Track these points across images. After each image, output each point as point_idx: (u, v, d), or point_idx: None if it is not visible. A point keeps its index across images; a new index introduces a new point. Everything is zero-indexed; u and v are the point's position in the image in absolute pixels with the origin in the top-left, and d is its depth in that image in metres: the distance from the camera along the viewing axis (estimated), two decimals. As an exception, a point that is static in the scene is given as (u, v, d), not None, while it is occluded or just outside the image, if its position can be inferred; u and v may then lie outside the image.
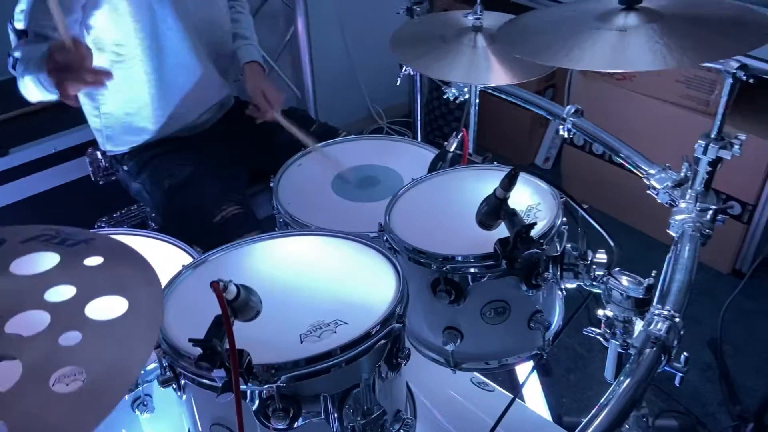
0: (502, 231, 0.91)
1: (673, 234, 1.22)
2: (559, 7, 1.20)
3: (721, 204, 1.21)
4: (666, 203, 1.31)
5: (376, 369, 0.77)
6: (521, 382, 1.25)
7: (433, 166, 1.25)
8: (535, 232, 0.89)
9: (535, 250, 0.84)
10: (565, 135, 1.55)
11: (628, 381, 0.87)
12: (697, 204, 1.22)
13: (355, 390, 0.74)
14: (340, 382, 0.74)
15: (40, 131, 1.62)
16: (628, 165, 1.45)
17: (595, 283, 0.97)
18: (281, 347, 0.74)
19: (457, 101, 1.76)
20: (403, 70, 1.80)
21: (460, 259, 0.91)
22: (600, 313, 1.01)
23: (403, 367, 0.82)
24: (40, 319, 0.54)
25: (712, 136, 1.20)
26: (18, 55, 1.28)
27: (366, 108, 3.16)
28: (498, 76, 1.33)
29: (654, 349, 0.92)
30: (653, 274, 0.95)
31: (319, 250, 0.94)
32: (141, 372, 0.87)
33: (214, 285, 0.62)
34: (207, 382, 0.73)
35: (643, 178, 1.37)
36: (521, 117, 2.81)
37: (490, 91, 1.66)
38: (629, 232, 2.46)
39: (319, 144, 1.42)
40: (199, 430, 0.82)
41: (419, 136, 2.13)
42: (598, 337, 1.02)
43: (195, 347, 0.65)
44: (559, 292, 1.04)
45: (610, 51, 1.00)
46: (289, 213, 1.21)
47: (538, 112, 1.64)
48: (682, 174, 1.31)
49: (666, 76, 2.21)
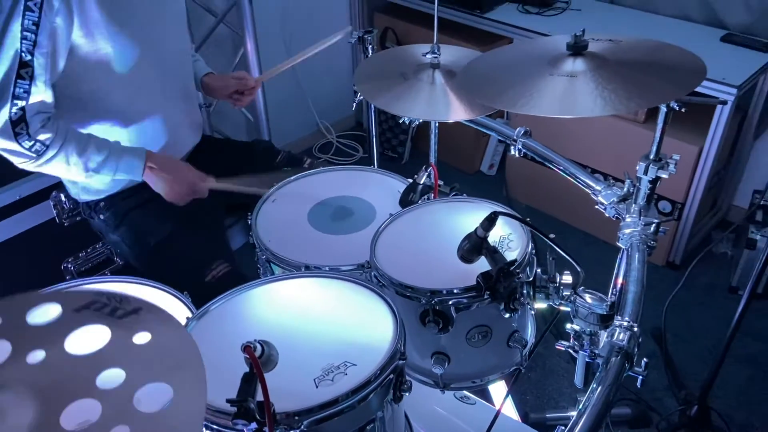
0: (482, 263, 1.01)
1: (622, 246, 1.36)
2: (513, 50, 1.30)
3: (659, 214, 1.35)
4: (613, 217, 1.45)
5: (385, 403, 0.85)
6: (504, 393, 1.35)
7: (405, 198, 1.33)
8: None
9: (515, 280, 0.93)
10: (517, 155, 1.67)
11: (600, 389, 0.98)
12: (642, 218, 1.36)
13: (369, 426, 0.82)
14: (356, 420, 0.82)
15: (4, 179, 1.60)
16: (576, 182, 1.58)
17: (563, 302, 1.08)
18: (299, 394, 0.81)
19: (412, 125, 1.85)
20: (358, 96, 1.88)
21: (446, 292, 1.00)
22: (569, 327, 1.13)
23: (406, 397, 0.90)
24: (92, 409, 0.56)
25: (651, 158, 1.34)
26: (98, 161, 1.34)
27: (315, 124, 3.21)
28: (457, 113, 1.41)
29: (618, 357, 1.04)
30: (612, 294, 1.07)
31: (315, 291, 1.01)
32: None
33: (248, 350, 0.68)
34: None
35: (591, 194, 1.51)
36: (466, 127, 2.94)
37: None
38: (569, 230, 2.63)
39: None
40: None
41: (375, 156, 2.21)
42: (569, 350, 1.14)
43: (227, 404, 0.71)
44: (531, 311, 1.15)
45: (561, 97, 1.11)
46: (271, 250, 1.27)
47: (488, 132, 1.75)
48: (625, 189, 1.45)
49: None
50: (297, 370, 0.85)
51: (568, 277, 1.07)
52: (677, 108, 1.27)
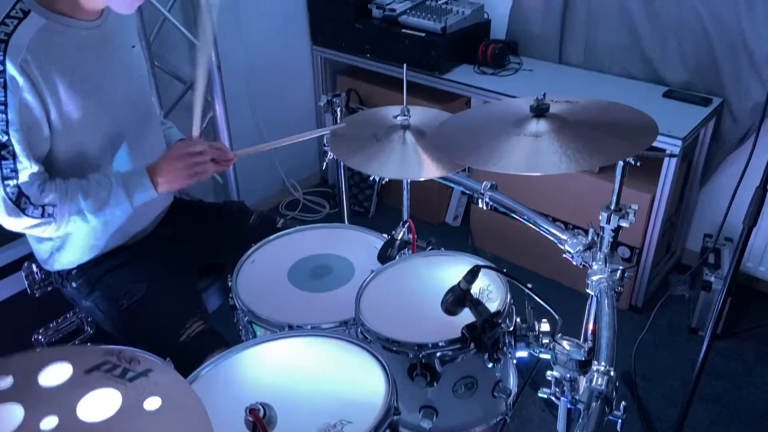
0: (465, 315, 1.05)
1: (591, 292, 1.42)
2: (479, 112, 1.39)
3: (622, 262, 1.43)
4: (580, 265, 1.52)
5: (381, 458, 0.87)
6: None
7: (384, 253, 1.37)
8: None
9: (499, 330, 0.97)
10: (484, 207, 1.74)
11: (583, 435, 1.02)
12: (608, 265, 1.43)
13: (367, 482, 0.83)
14: (355, 477, 0.83)
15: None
16: (542, 232, 1.65)
17: (543, 349, 1.13)
18: (300, 454, 0.82)
19: (382, 182, 1.91)
20: (328, 156, 1.94)
21: (432, 345, 1.03)
22: (549, 374, 1.17)
23: (399, 452, 0.92)
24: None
25: (612, 208, 1.43)
26: (89, 202, 1.32)
27: (281, 182, 3.26)
28: (429, 171, 1.47)
29: (599, 402, 1.08)
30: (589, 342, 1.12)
31: (304, 350, 1.03)
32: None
33: (254, 413, 0.70)
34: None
35: (558, 244, 1.58)
36: (431, 180, 3.02)
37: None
38: (534, 277, 2.71)
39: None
40: None
41: (345, 212, 2.26)
42: (551, 396, 1.18)
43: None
44: (512, 361, 1.19)
45: (526, 156, 1.19)
46: (253, 311, 1.28)
47: (456, 187, 1.82)
48: (589, 238, 1.53)
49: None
50: (295, 430, 0.86)
51: (545, 325, 1.12)
52: (633, 162, 1.37)
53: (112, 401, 0.64)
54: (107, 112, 1.39)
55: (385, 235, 1.54)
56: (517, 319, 1.11)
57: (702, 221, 2.69)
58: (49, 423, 0.62)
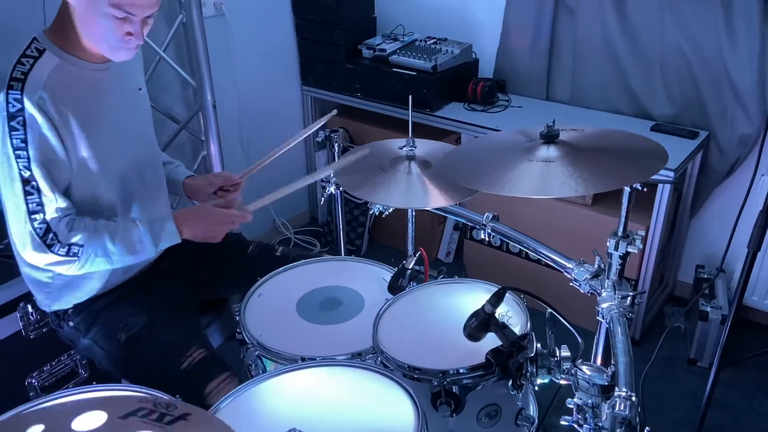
0: (484, 342, 1.04)
1: (602, 320, 1.42)
2: (487, 140, 1.40)
3: (632, 289, 1.43)
4: (588, 293, 1.52)
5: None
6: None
7: (394, 283, 1.36)
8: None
9: (525, 354, 0.96)
10: (486, 239, 1.74)
11: (610, 463, 1.00)
12: (617, 292, 1.43)
13: None
14: None
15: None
16: (547, 261, 1.65)
17: (564, 375, 1.11)
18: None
19: (382, 215, 1.91)
20: (326, 191, 1.94)
21: (457, 372, 1.01)
22: (570, 401, 1.15)
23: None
24: None
25: (620, 235, 1.44)
26: (116, 245, 1.31)
27: (272, 221, 3.24)
28: (434, 200, 1.48)
29: (623, 428, 1.06)
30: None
31: (327, 380, 1.00)
32: None
33: (297, 437, 0.67)
34: None
35: (564, 273, 1.58)
36: (421, 215, 3.04)
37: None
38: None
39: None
40: None
41: (341, 246, 2.24)
42: (573, 424, 1.15)
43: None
44: (533, 388, 1.17)
45: (537, 180, 1.21)
46: (264, 345, 1.25)
47: (458, 219, 1.83)
48: (596, 266, 1.53)
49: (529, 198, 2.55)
50: (326, 461, 0.83)
51: (566, 351, 1.11)
52: (640, 188, 1.39)
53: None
54: (115, 151, 1.39)
55: (391, 267, 1.53)
56: (538, 345, 1.09)
57: (693, 253, 2.73)
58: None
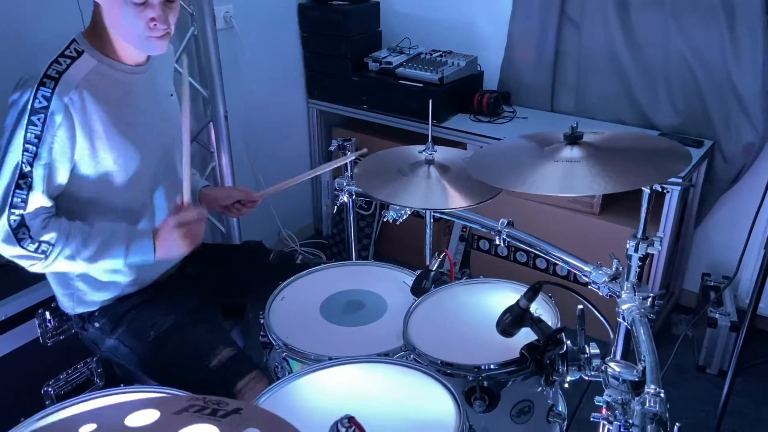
0: (516, 338, 1.05)
1: (622, 321, 1.43)
2: (510, 142, 1.42)
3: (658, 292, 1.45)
4: (607, 296, 1.53)
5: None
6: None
7: (418, 285, 1.37)
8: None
9: (560, 349, 0.97)
10: (502, 245, 1.75)
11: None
12: (637, 294, 1.44)
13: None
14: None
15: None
16: (564, 265, 1.66)
17: (594, 372, 1.12)
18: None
19: (396, 222, 1.92)
20: (339, 200, 1.96)
21: (492, 367, 1.02)
22: (599, 399, 1.15)
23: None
24: None
25: (639, 237, 1.45)
26: (91, 247, 1.29)
27: (278, 233, 3.24)
28: (453, 202, 1.50)
29: (653, 424, 1.07)
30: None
31: (363, 376, 1.00)
32: None
33: (354, 420, 0.67)
34: None
35: (581, 276, 1.59)
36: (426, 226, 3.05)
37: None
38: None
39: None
40: None
41: (353, 253, 2.25)
42: (603, 421, 1.16)
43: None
44: (563, 385, 1.17)
45: (562, 179, 1.23)
46: (291, 346, 1.25)
47: (472, 226, 1.84)
48: (614, 269, 1.55)
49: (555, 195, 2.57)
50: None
51: (595, 349, 1.11)
52: (660, 189, 1.41)
53: (210, 435, 0.61)
54: (139, 154, 1.40)
55: (412, 271, 1.54)
56: (568, 342, 1.10)
57: (698, 262, 2.75)
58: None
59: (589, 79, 2.69)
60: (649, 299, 1.43)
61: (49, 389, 1.62)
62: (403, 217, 1.90)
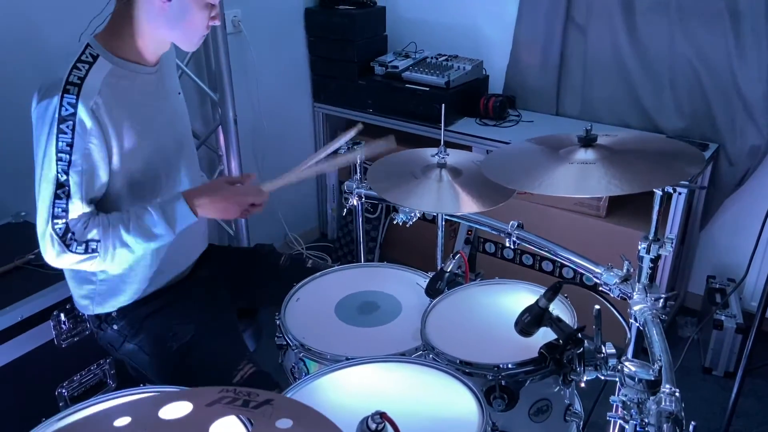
0: (534, 337, 1.06)
1: (634, 322, 1.44)
2: (523, 145, 1.44)
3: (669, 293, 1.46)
4: (618, 297, 1.54)
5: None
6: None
7: (432, 286, 1.38)
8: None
9: (579, 348, 0.98)
10: (512, 247, 1.76)
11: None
12: (649, 295, 1.45)
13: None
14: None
15: (7, 299, 1.52)
16: (574, 267, 1.67)
17: (610, 372, 1.13)
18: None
19: (406, 225, 1.93)
20: (348, 203, 1.97)
21: (511, 366, 1.03)
22: (614, 398, 1.17)
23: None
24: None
25: (651, 238, 1.47)
26: (132, 233, 1.31)
27: (283, 235, 3.25)
28: (464, 206, 1.51)
29: (669, 423, 1.08)
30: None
31: (384, 376, 1.01)
32: None
33: (386, 416, 0.68)
34: None
35: (593, 277, 1.61)
36: (432, 229, 3.06)
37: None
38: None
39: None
40: None
41: (362, 256, 2.26)
42: (619, 420, 1.17)
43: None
44: (580, 385, 1.18)
45: (577, 180, 1.24)
46: (308, 346, 1.26)
47: (482, 229, 1.85)
48: (625, 271, 1.56)
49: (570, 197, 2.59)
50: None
51: (611, 348, 1.13)
52: (671, 191, 1.42)
53: (241, 426, 0.62)
54: (158, 153, 1.42)
55: (425, 273, 1.56)
56: (585, 341, 1.11)
57: (702, 265, 2.76)
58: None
59: (595, 82, 2.71)
60: (661, 300, 1.45)
61: (63, 390, 1.62)
62: (413, 220, 1.91)
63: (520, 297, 1.13)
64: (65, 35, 2.01)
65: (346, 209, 2.01)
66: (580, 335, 0.99)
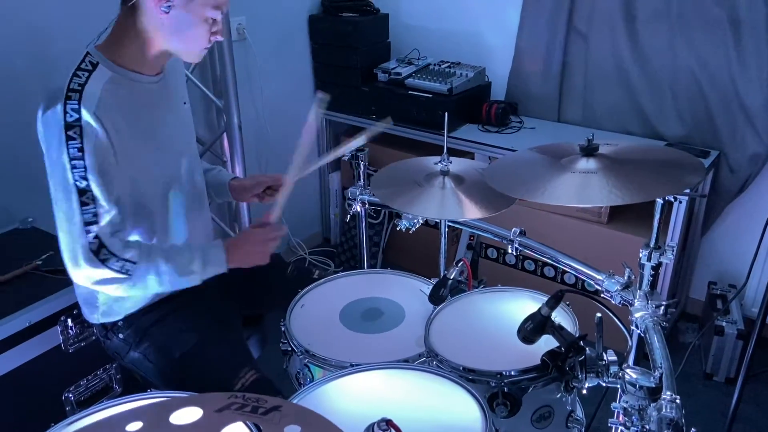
0: (536, 345, 1.07)
1: (635, 329, 1.45)
2: (525, 154, 1.46)
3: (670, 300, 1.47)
4: (620, 304, 1.56)
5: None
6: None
7: (436, 293, 1.39)
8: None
9: (581, 356, 0.99)
10: (514, 254, 1.78)
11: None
12: (650, 302, 1.47)
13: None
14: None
15: (16, 304, 1.54)
16: (576, 274, 1.69)
17: (611, 379, 1.14)
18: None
19: (410, 232, 1.95)
20: (351, 209, 1.99)
21: (513, 373, 1.04)
22: (615, 405, 1.18)
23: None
24: None
25: (652, 246, 1.48)
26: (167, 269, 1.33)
27: (287, 241, 3.27)
28: (467, 212, 1.53)
29: (670, 430, 1.09)
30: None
31: (387, 382, 1.03)
32: None
33: (391, 423, 0.70)
34: None
35: (595, 284, 1.62)
36: (435, 235, 3.08)
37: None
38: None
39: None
40: None
41: (365, 262, 2.27)
42: (620, 427, 1.18)
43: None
44: (582, 391, 1.20)
45: (579, 190, 1.26)
46: (313, 353, 1.28)
47: (484, 235, 1.87)
48: (626, 278, 1.57)
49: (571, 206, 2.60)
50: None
51: (612, 355, 1.14)
52: (672, 200, 1.44)
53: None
54: (160, 162, 1.43)
55: (428, 280, 1.57)
56: (587, 349, 1.13)
57: (703, 271, 2.78)
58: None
59: (596, 89, 2.73)
60: (662, 307, 1.46)
61: (70, 395, 1.64)
62: (416, 226, 1.93)
63: (523, 304, 1.14)
64: (71, 44, 2.05)
65: (349, 215, 2.03)
66: (581, 343, 1.00)
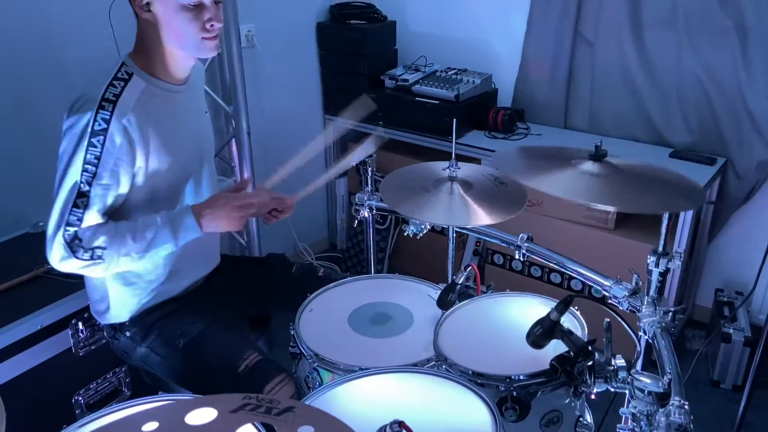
0: (545, 349, 1.08)
1: (643, 335, 1.45)
2: (534, 150, 1.47)
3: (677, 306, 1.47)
4: (627, 310, 1.56)
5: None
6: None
7: (444, 298, 1.40)
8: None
9: (590, 360, 1.00)
10: (522, 259, 1.78)
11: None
12: (658, 308, 1.47)
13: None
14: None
15: (27, 307, 1.55)
16: (584, 280, 1.70)
17: (620, 384, 1.15)
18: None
19: (417, 237, 1.96)
20: (359, 215, 2.00)
21: (523, 377, 1.05)
22: (624, 410, 1.18)
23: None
24: None
25: (659, 252, 1.49)
26: (147, 236, 1.34)
27: (293, 246, 3.29)
28: (475, 218, 1.53)
29: (679, 435, 1.10)
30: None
31: (398, 386, 1.04)
32: None
33: (404, 424, 0.71)
34: None
35: (602, 290, 1.62)
36: (441, 241, 3.08)
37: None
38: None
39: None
40: None
41: (372, 267, 2.28)
42: None
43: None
44: (591, 396, 1.20)
45: (583, 188, 1.28)
46: (322, 357, 1.29)
47: (492, 241, 1.88)
48: (633, 284, 1.58)
49: (570, 200, 2.61)
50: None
51: (621, 360, 1.15)
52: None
53: (266, 432, 0.65)
54: (183, 171, 1.46)
55: (436, 285, 1.58)
56: (596, 354, 1.13)
57: (710, 278, 2.77)
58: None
59: (603, 96, 2.74)
60: (670, 313, 1.47)
61: (80, 398, 1.65)
62: (423, 232, 1.94)
63: (531, 309, 1.15)
64: (84, 51, 2.09)
65: (357, 221, 2.04)
66: (590, 348, 1.01)
